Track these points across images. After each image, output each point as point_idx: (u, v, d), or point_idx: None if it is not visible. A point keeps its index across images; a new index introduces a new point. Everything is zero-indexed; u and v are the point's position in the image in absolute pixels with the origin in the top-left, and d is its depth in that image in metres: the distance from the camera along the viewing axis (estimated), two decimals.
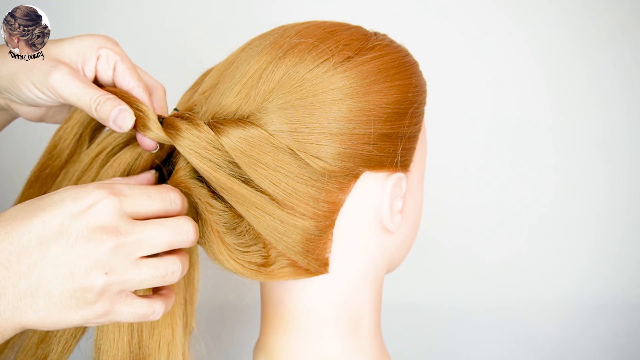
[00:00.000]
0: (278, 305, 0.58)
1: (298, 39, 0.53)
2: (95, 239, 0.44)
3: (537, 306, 1.16)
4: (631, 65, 1.12)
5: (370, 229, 0.55)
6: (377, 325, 0.60)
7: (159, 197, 0.49)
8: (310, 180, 0.52)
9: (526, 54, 1.12)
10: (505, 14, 1.11)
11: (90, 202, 0.45)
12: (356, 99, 0.52)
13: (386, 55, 0.54)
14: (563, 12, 1.11)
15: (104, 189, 0.45)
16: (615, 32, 1.11)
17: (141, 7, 1.05)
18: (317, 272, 0.55)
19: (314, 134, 0.51)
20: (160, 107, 0.57)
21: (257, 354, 0.60)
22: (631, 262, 1.17)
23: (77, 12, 1.03)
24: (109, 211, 0.45)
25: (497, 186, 1.14)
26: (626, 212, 1.16)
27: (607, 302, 1.16)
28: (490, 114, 1.12)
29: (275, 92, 0.51)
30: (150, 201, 0.48)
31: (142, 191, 0.48)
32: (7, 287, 0.43)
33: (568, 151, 1.14)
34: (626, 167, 1.15)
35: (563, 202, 1.15)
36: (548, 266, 1.16)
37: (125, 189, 0.47)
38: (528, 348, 1.17)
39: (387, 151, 0.53)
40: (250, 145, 0.51)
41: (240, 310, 1.07)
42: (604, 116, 1.13)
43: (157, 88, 0.58)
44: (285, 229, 0.52)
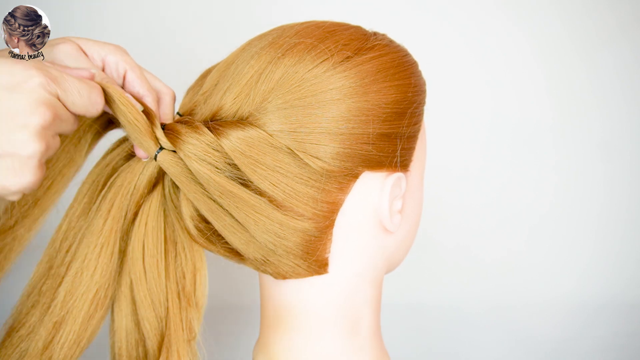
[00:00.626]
0: (278, 305, 0.58)
1: (297, 39, 0.53)
2: (37, 112, 0.45)
3: (537, 306, 1.16)
4: (631, 65, 1.13)
5: (370, 229, 0.55)
6: (377, 325, 0.60)
7: (86, 96, 0.49)
8: (310, 180, 0.52)
9: (526, 54, 1.12)
10: (505, 13, 1.11)
11: (27, 77, 0.46)
12: (355, 98, 0.52)
13: (385, 55, 0.54)
14: (563, 12, 1.11)
15: (40, 71, 0.46)
16: (615, 32, 1.11)
17: (141, 7, 1.05)
18: (316, 273, 0.55)
19: (313, 134, 0.51)
20: (165, 114, 0.58)
21: (257, 354, 0.60)
22: (631, 262, 1.17)
23: (78, 12, 1.03)
24: (43, 88, 0.46)
25: (497, 186, 1.14)
26: (626, 212, 1.16)
27: (607, 302, 1.16)
28: (490, 114, 1.13)
29: (275, 92, 0.51)
30: (77, 97, 0.49)
31: (73, 85, 0.48)
32: None
33: (568, 151, 1.14)
34: (626, 167, 1.15)
35: (563, 202, 1.15)
36: (548, 266, 1.16)
37: (59, 77, 0.48)
38: (528, 348, 1.17)
39: (387, 151, 0.53)
40: (249, 146, 0.51)
41: (240, 310, 1.07)
42: (604, 116, 1.13)
43: (166, 94, 0.58)
44: (285, 233, 0.52)
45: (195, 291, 0.59)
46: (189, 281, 0.59)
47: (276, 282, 0.57)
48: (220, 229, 0.54)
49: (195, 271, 0.59)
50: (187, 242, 0.59)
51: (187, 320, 0.58)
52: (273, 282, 0.58)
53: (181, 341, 0.57)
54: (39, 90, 0.45)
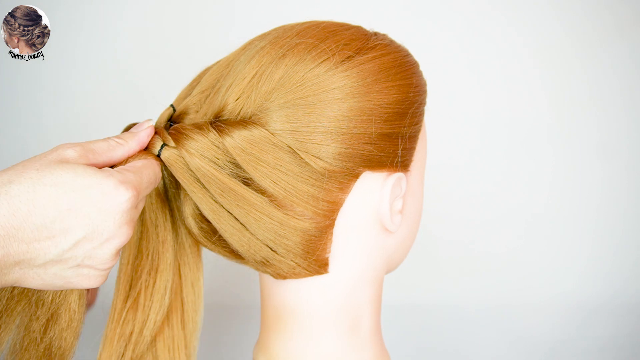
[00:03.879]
0: (278, 305, 0.58)
1: (298, 39, 0.53)
2: (121, 234, 0.47)
3: (536, 306, 1.17)
4: (628, 65, 1.13)
5: (370, 228, 0.55)
6: (377, 324, 0.60)
7: (154, 182, 0.51)
8: (310, 179, 0.52)
9: (523, 54, 1.12)
10: (502, 13, 1.11)
11: (117, 197, 0.46)
12: (357, 98, 0.52)
13: (387, 54, 0.54)
14: (560, 12, 1.11)
15: (128, 189, 0.47)
16: (613, 32, 1.11)
17: (141, 6, 1.05)
18: (316, 272, 0.55)
19: (315, 134, 0.51)
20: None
21: (257, 354, 0.60)
22: (629, 262, 1.17)
23: (79, 12, 1.03)
24: (131, 208, 0.47)
25: (495, 186, 1.14)
26: (624, 213, 1.16)
27: (605, 302, 1.17)
28: (486, 114, 1.13)
29: (276, 92, 0.51)
30: (150, 188, 0.51)
31: (149, 183, 0.50)
32: (23, 260, 0.44)
33: (565, 151, 1.14)
34: (623, 167, 1.15)
35: (560, 202, 1.15)
36: (546, 266, 1.16)
37: (141, 186, 0.49)
38: (526, 347, 1.17)
39: (388, 151, 0.53)
40: (251, 144, 0.51)
41: (240, 311, 1.07)
42: (601, 116, 1.14)
43: None
44: (285, 231, 0.52)
45: (190, 292, 0.60)
46: None
47: (276, 282, 0.57)
48: (221, 228, 0.54)
49: (192, 279, 0.61)
50: None
51: (182, 322, 0.59)
52: (273, 282, 0.58)
53: None
54: (129, 212, 0.47)
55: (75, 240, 0.45)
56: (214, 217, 0.54)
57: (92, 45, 1.06)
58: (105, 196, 0.45)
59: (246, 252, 0.55)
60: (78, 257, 0.46)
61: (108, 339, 0.57)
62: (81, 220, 0.45)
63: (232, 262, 0.59)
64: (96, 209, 0.45)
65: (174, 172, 0.53)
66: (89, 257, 0.46)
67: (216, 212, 0.54)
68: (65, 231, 0.44)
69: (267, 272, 0.56)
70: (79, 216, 0.45)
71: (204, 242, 0.57)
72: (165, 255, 0.58)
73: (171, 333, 0.60)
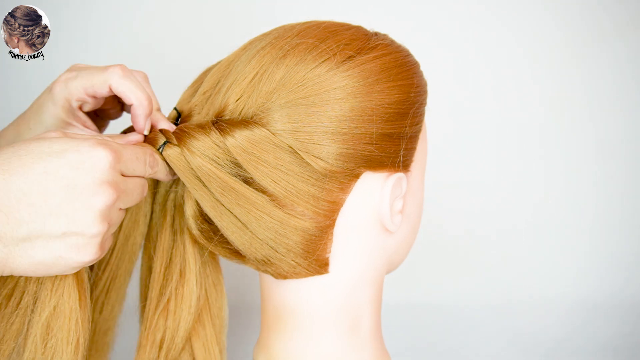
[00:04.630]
0: (278, 305, 0.58)
1: (299, 39, 0.53)
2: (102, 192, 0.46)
3: (535, 304, 1.17)
4: (627, 66, 1.13)
5: (371, 229, 0.55)
6: (377, 324, 0.60)
7: (142, 160, 0.51)
8: (311, 179, 0.52)
9: (520, 55, 1.12)
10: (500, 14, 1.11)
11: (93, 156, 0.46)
12: (359, 98, 0.51)
13: (388, 54, 0.54)
14: (558, 13, 1.11)
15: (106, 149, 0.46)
16: (611, 32, 1.12)
17: (142, 6, 1.05)
18: (317, 272, 0.55)
19: (316, 134, 0.51)
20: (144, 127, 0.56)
21: (257, 354, 0.60)
22: (628, 261, 1.17)
23: (79, 12, 1.03)
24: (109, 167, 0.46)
25: (494, 186, 1.14)
26: (622, 212, 1.16)
27: (604, 301, 1.17)
28: (485, 115, 1.13)
29: (277, 92, 0.51)
30: (137, 164, 0.50)
31: (133, 154, 0.49)
32: (5, 232, 0.43)
33: (563, 151, 1.14)
34: (622, 166, 1.15)
35: (559, 201, 1.15)
36: (545, 265, 1.16)
37: (122, 151, 0.48)
38: (526, 346, 1.17)
39: (388, 151, 0.53)
40: (252, 144, 0.51)
41: (240, 311, 1.07)
42: (599, 116, 1.14)
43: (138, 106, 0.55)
44: (286, 231, 0.52)
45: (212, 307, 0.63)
46: None
47: (276, 282, 0.57)
48: (223, 226, 0.54)
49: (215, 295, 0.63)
50: None
51: None
52: (273, 282, 0.58)
53: None
54: (107, 171, 0.46)
55: (55, 203, 0.44)
56: (215, 214, 0.54)
57: (92, 46, 1.06)
58: (82, 155, 0.45)
59: (247, 251, 0.55)
60: (61, 223, 0.44)
61: (142, 346, 0.58)
62: (59, 182, 0.44)
63: (232, 262, 0.59)
64: (73, 168, 0.45)
65: (175, 169, 0.54)
66: (72, 221, 0.45)
67: (217, 209, 0.54)
68: (44, 194, 0.44)
69: (267, 272, 0.56)
70: (57, 178, 0.44)
71: (204, 242, 0.57)
72: (190, 260, 0.59)
73: (204, 332, 0.61)
